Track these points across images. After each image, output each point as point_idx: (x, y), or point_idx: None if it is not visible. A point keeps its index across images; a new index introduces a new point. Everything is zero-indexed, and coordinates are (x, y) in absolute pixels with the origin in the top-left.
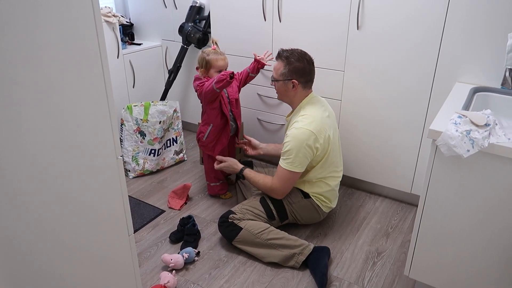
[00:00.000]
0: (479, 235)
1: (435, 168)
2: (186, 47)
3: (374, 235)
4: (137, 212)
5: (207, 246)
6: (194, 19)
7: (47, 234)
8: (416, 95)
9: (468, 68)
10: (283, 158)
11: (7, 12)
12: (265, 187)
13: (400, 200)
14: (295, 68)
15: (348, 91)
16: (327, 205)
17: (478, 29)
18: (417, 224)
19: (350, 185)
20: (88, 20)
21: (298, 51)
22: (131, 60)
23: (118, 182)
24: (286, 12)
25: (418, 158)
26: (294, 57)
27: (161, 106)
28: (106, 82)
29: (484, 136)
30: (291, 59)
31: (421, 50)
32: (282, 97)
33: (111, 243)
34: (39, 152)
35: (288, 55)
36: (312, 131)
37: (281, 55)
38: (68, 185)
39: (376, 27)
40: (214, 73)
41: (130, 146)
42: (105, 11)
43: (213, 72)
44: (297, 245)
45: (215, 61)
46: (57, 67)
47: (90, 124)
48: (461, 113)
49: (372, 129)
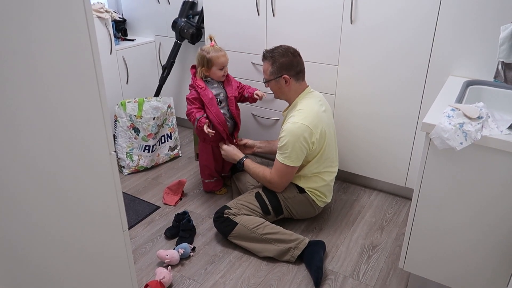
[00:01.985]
0: (473, 227)
1: (428, 161)
2: (179, 42)
3: (369, 229)
4: (132, 208)
5: (202, 242)
6: (187, 14)
7: (40, 230)
8: (410, 88)
9: (461, 61)
10: (280, 152)
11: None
12: (264, 179)
13: (394, 194)
14: (281, 64)
15: (342, 85)
16: (322, 200)
17: (470, 22)
18: (411, 217)
19: (344, 179)
20: (79, 15)
21: (281, 47)
22: (124, 56)
23: (112, 178)
24: (279, 7)
25: (412, 152)
26: (278, 53)
27: (155, 102)
28: (98, 77)
29: (477, 128)
30: (276, 56)
31: (414, 44)
32: (278, 95)
33: (105, 239)
34: (31, 148)
35: (273, 53)
36: (307, 126)
37: (265, 56)
38: (61, 181)
39: (370, 21)
40: (216, 71)
41: (124, 143)
42: (98, 7)
43: (216, 70)
44: (292, 239)
45: (216, 58)
46: (48, 63)
47: (82, 119)
48: (454, 106)
49: (366, 123)
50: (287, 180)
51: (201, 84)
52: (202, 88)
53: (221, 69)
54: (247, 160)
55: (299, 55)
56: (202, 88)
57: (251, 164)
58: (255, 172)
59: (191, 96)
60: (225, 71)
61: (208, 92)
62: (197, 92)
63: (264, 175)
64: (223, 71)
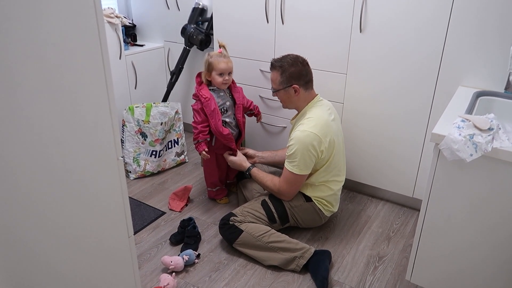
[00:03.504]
0: (482, 240)
1: (437, 172)
2: (188, 48)
3: (375, 239)
4: (138, 213)
5: (207, 249)
6: (196, 20)
7: (46, 234)
8: (419, 98)
9: (471, 72)
10: (288, 161)
11: (9, 12)
12: (273, 188)
13: (402, 204)
14: (291, 73)
15: (350, 94)
16: (329, 209)
17: (481, 33)
18: (419, 228)
19: (351, 189)
20: (90, 20)
21: (290, 56)
22: (133, 61)
23: (119, 183)
24: (288, 15)
25: (420, 162)
26: (287, 63)
27: (162, 108)
28: (108, 82)
29: (487, 140)
30: (285, 65)
31: (424, 54)
32: (287, 105)
33: (111, 244)
34: (40, 152)
35: (281, 63)
36: (316, 134)
37: (274, 65)
38: (68, 185)
39: (379, 31)
40: (215, 76)
41: (131, 147)
42: (108, 12)
43: (215, 75)
44: (298, 248)
45: (217, 63)
46: (58, 67)
47: (91, 124)
48: (464, 117)
49: (374, 132)
50: (296, 188)
51: (205, 94)
52: (206, 98)
53: (220, 75)
54: (254, 169)
55: (308, 64)
56: (206, 98)
57: (259, 173)
58: (263, 181)
59: (196, 106)
60: (225, 79)
61: (211, 103)
62: (201, 102)
63: (272, 184)
64: (223, 78)
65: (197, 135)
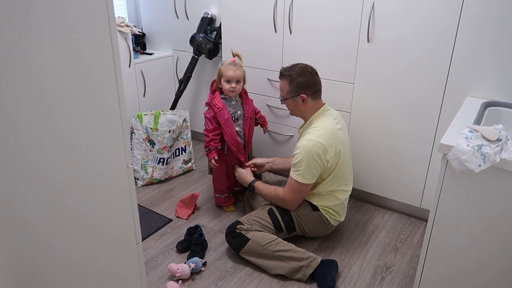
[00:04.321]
0: (491, 251)
1: (445, 182)
2: (196, 57)
3: (382, 250)
4: (145, 220)
5: (213, 257)
6: (205, 30)
7: (55, 241)
8: (427, 109)
9: (479, 82)
10: (294, 169)
11: (24, 20)
12: (277, 199)
13: (409, 214)
14: (299, 83)
15: (358, 103)
16: (336, 218)
17: (489, 43)
18: (427, 239)
19: (358, 198)
20: (103, 31)
21: (299, 65)
22: (143, 70)
23: (128, 191)
24: (296, 24)
25: (428, 172)
26: (296, 72)
27: (171, 115)
28: (119, 92)
29: (496, 151)
30: (294, 75)
31: (432, 64)
32: (294, 113)
33: (119, 251)
34: (50, 160)
35: (290, 72)
36: (322, 143)
37: (283, 74)
38: (78, 193)
39: (387, 41)
40: (224, 83)
41: (139, 155)
42: (118, 21)
43: (223, 82)
44: (304, 257)
45: (225, 70)
46: (71, 76)
47: (102, 132)
48: (473, 127)
49: (382, 142)
50: (301, 197)
51: (218, 103)
52: (219, 108)
53: (228, 82)
54: (257, 182)
55: (317, 74)
56: (219, 108)
57: (262, 186)
58: (267, 193)
59: (209, 114)
60: (233, 86)
61: (225, 112)
62: (214, 111)
63: (276, 194)
64: (230, 85)
65: (209, 143)
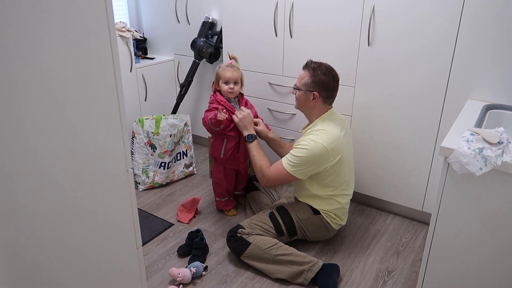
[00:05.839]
0: (493, 254)
1: (447, 186)
2: (198, 61)
3: (384, 253)
4: (146, 225)
5: (215, 261)
6: (206, 34)
7: (55, 244)
8: (428, 111)
9: (480, 85)
10: (290, 160)
11: (22, 26)
12: (260, 170)
13: (411, 218)
14: (320, 80)
15: (359, 107)
16: (337, 222)
17: (491, 46)
18: (429, 242)
19: (360, 202)
20: (103, 35)
21: (326, 65)
22: (144, 74)
23: (128, 195)
24: (297, 28)
25: (429, 176)
26: (321, 70)
27: (172, 120)
28: (119, 96)
29: (497, 154)
30: (318, 71)
31: (432, 67)
32: (300, 107)
33: (119, 255)
34: (50, 163)
35: (316, 66)
36: (327, 148)
37: (308, 65)
38: (78, 196)
39: (387, 44)
40: (222, 84)
41: (140, 159)
42: (120, 26)
43: (221, 83)
44: (306, 261)
45: (222, 72)
46: (70, 81)
47: (102, 135)
48: (474, 130)
49: (383, 145)
50: (280, 183)
51: (222, 99)
52: (223, 102)
53: (226, 83)
54: (255, 142)
55: (338, 81)
56: (223, 102)
57: (257, 148)
58: (254, 158)
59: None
60: (231, 87)
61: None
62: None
63: (261, 166)
64: (228, 86)
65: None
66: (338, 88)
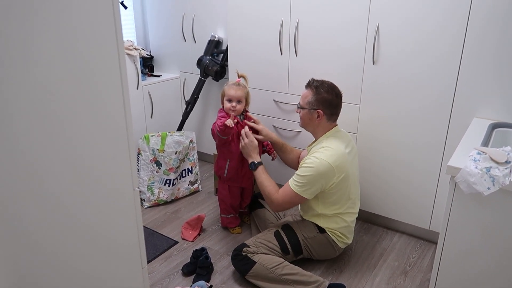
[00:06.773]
0: (502, 275)
1: (454, 205)
2: (203, 79)
3: (391, 273)
4: (151, 242)
5: (219, 280)
6: (212, 52)
7: (59, 264)
8: (433, 129)
9: (486, 103)
10: (296, 180)
11: (33, 41)
12: (268, 196)
13: (418, 237)
14: (323, 98)
15: (364, 124)
16: (343, 241)
17: (496, 64)
18: (437, 263)
19: (366, 220)
20: (112, 54)
21: (329, 83)
22: (150, 91)
23: (134, 214)
24: (302, 47)
25: (436, 194)
26: (324, 87)
27: (177, 137)
28: (127, 115)
29: (505, 173)
30: (320, 89)
31: (437, 85)
32: (305, 125)
33: (124, 274)
34: (57, 182)
35: (318, 85)
36: (331, 165)
37: (311, 84)
38: (84, 216)
39: (392, 62)
40: (225, 101)
41: (146, 176)
42: (127, 44)
43: (225, 100)
44: (311, 281)
45: (227, 89)
46: (80, 99)
47: (109, 154)
48: (480, 149)
49: (389, 163)
50: (289, 206)
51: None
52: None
53: (229, 101)
54: (261, 167)
55: (341, 98)
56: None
57: (263, 173)
58: (262, 182)
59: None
60: (233, 105)
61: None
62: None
63: (269, 192)
64: (230, 104)
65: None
66: (341, 104)
